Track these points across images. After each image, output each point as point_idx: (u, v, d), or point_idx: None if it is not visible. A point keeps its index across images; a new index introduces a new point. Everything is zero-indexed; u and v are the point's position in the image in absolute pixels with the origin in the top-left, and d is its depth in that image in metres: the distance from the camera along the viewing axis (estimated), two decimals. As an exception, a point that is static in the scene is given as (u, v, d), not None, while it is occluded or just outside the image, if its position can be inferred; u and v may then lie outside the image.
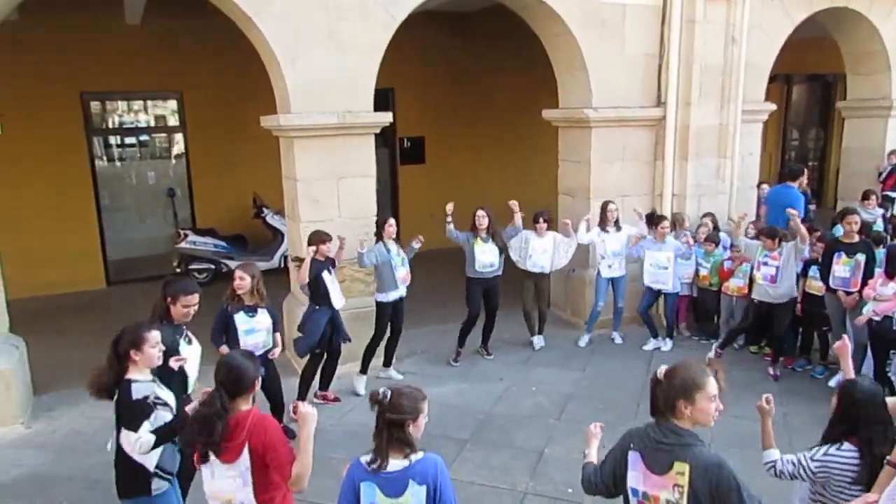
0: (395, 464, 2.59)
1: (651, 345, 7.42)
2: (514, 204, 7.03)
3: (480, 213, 6.77)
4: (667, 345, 7.39)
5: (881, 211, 8.57)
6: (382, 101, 6.71)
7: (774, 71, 8.57)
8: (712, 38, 7.70)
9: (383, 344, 6.59)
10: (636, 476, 2.58)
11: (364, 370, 6.50)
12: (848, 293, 6.18)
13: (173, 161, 10.96)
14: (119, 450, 3.30)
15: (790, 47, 8.53)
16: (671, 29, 7.59)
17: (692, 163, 7.88)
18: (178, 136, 10.73)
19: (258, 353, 4.79)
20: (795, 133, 15.32)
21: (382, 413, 2.62)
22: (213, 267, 9.98)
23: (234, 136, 10.11)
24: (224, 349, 4.83)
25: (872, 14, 8.98)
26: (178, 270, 10.03)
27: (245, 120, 9.03)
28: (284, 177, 6.73)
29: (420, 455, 2.62)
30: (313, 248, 5.78)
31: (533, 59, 8.85)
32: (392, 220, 6.40)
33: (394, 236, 6.39)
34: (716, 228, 7.58)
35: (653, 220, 7.26)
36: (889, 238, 7.05)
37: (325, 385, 6.25)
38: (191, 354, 3.93)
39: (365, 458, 2.64)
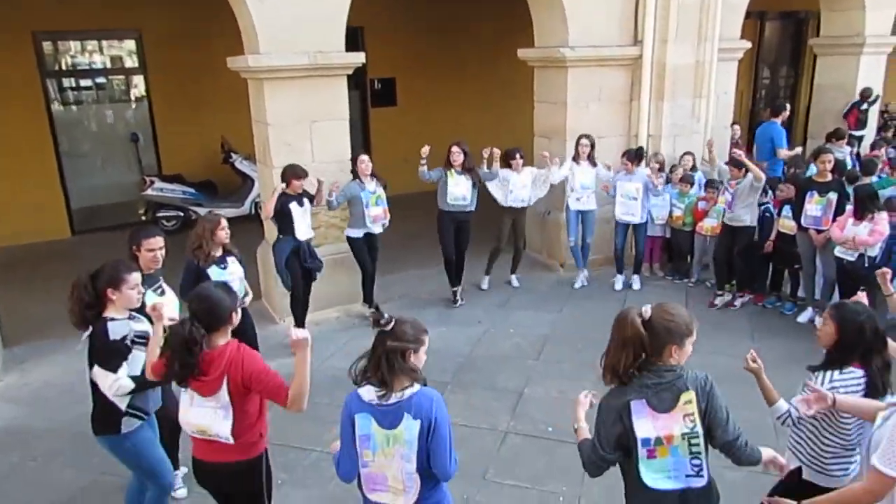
0: (392, 396, 2.56)
1: (619, 282, 7.51)
2: (491, 152, 6.97)
3: (455, 148, 6.75)
4: (636, 282, 7.49)
5: (849, 149, 8.68)
6: (352, 40, 6.51)
7: (748, 8, 8.47)
8: (690, -26, 7.55)
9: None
10: (645, 424, 2.48)
11: (369, 301, 6.72)
12: (819, 231, 6.28)
13: (134, 104, 10.56)
14: (94, 386, 3.28)
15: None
16: (649, -37, 7.42)
17: (668, 103, 7.82)
18: (139, 79, 10.30)
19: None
20: (767, 71, 15.27)
21: (383, 340, 2.55)
22: (181, 214, 9.77)
23: (199, 79, 9.74)
24: None
25: (848, -52, 8.88)
26: (143, 218, 9.81)
27: (211, 61, 8.67)
28: (255, 121, 6.53)
29: (416, 388, 2.57)
30: (283, 184, 5.78)
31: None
32: (365, 157, 6.36)
33: (368, 173, 6.33)
34: (693, 168, 7.60)
35: (636, 155, 7.30)
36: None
37: (299, 324, 6.23)
38: (167, 304, 3.85)
39: (363, 390, 2.59)
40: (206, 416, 2.83)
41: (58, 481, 4.45)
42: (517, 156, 7.11)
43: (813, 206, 6.33)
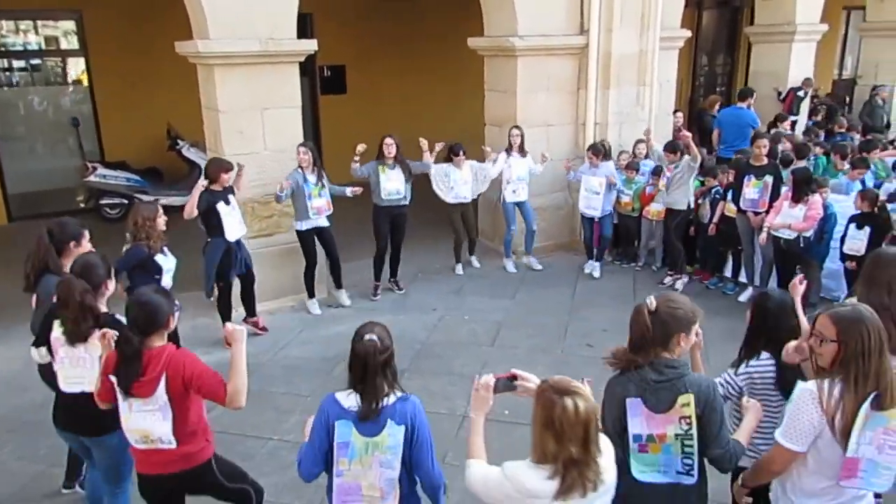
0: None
1: (589, 267, 7.71)
2: (423, 142, 7.01)
3: (388, 140, 6.71)
4: (596, 269, 7.70)
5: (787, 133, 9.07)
6: (301, 27, 6.44)
7: (689, -4, 8.75)
8: (633, -36, 7.73)
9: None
10: (638, 421, 2.48)
11: (311, 294, 6.67)
12: (756, 213, 6.58)
13: (73, 88, 10.20)
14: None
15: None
16: (594, -46, 7.56)
17: (614, 91, 8.02)
18: (79, 61, 9.94)
19: None
20: (705, 59, 15.75)
21: (374, 356, 2.49)
22: (126, 202, 9.50)
23: (143, 62, 9.47)
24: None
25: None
26: (82, 206, 9.53)
27: (156, 44, 8.46)
28: (205, 107, 6.42)
29: (398, 394, 2.56)
30: (206, 181, 5.64)
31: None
32: (303, 148, 6.24)
33: (309, 164, 6.24)
34: (647, 156, 7.81)
35: (599, 150, 7.48)
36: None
37: (250, 311, 6.21)
38: None
39: (341, 395, 2.56)
40: (145, 419, 2.83)
41: (5, 472, 4.39)
42: (460, 152, 7.21)
43: (750, 189, 6.63)
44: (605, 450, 2.26)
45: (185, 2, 6.04)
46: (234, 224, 5.76)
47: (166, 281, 4.73)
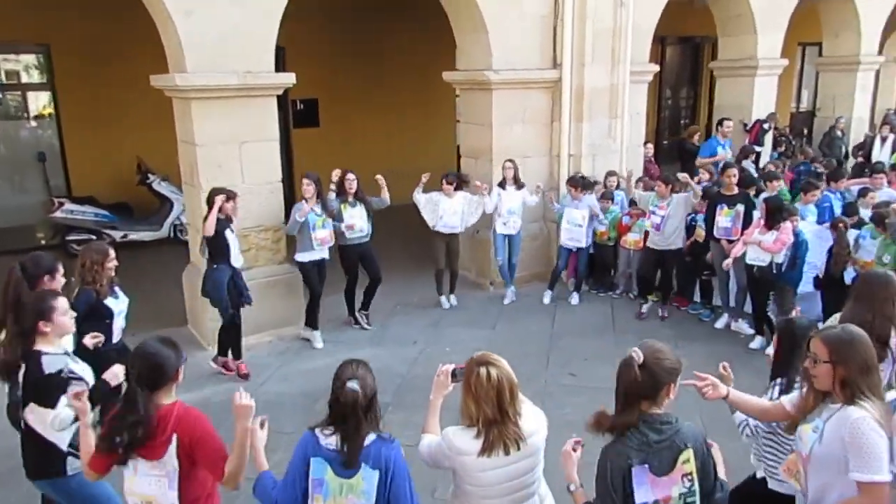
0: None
1: (547, 297, 7.74)
2: (380, 179, 6.95)
3: (351, 175, 6.65)
4: (574, 299, 7.75)
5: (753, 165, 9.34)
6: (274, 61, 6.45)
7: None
8: (603, 1, 7.95)
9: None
10: (645, 490, 2.37)
11: (315, 326, 6.64)
12: (730, 241, 6.71)
13: (39, 122, 10.01)
14: (27, 428, 3.10)
15: (664, 11, 8.95)
16: (565, -10, 7.77)
17: (587, 123, 8.17)
18: (45, 95, 9.79)
19: (118, 337, 4.44)
20: (669, 93, 16.21)
21: (355, 407, 2.46)
22: (93, 237, 9.27)
23: (112, 95, 9.38)
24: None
25: (742, -20, 9.60)
26: (44, 242, 9.30)
27: (125, 77, 8.38)
28: (181, 141, 6.35)
29: (373, 437, 2.52)
30: (222, 196, 5.56)
31: (431, 18, 8.76)
32: (306, 180, 6.29)
33: (310, 195, 6.25)
34: (618, 186, 7.94)
35: (578, 182, 7.57)
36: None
37: (236, 353, 6.06)
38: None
39: (320, 432, 2.52)
40: (150, 485, 2.63)
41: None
42: (455, 181, 7.23)
43: (723, 217, 6.78)
44: (531, 416, 2.68)
45: (162, 35, 6.02)
46: (237, 251, 5.81)
47: (119, 323, 4.46)
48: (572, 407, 5.45)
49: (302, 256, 6.39)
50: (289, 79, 6.33)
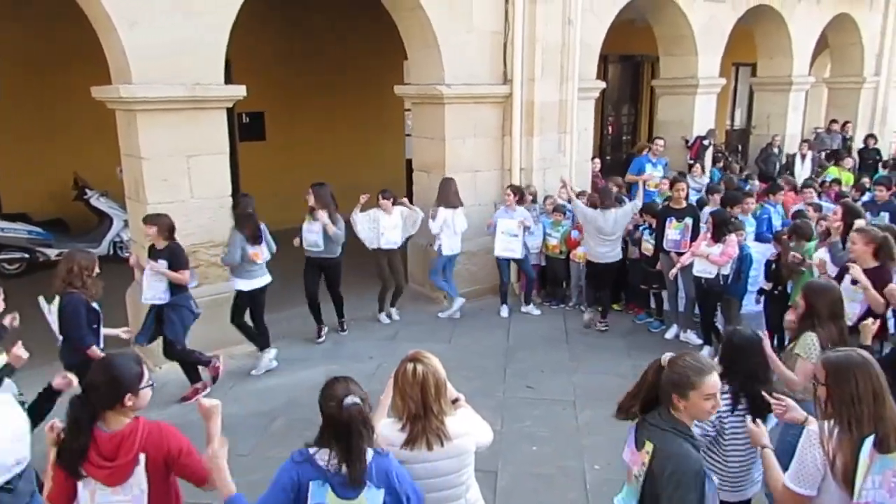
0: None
1: (504, 311, 7.77)
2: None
3: (311, 190, 6.64)
4: (533, 310, 7.82)
5: (706, 179, 9.66)
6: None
7: (595, 51, 9.20)
8: (552, 19, 8.09)
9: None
10: (627, 450, 2.70)
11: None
12: (679, 254, 6.87)
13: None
14: None
15: (607, 30, 9.18)
16: (515, 8, 7.86)
17: (537, 138, 8.28)
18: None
19: (102, 343, 4.55)
20: (611, 109, 16.60)
21: (358, 422, 2.38)
22: (27, 256, 8.85)
23: (46, 108, 8.98)
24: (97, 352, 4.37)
25: (682, 1, 9.93)
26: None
27: (59, 90, 8.04)
28: (125, 154, 6.11)
29: (371, 452, 2.43)
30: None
31: (381, 32, 8.75)
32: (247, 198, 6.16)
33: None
34: (569, 201, 8.02)
35: (517, 190, 7.64)
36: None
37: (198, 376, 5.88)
38: None
39: (316, 452, 2.41)
40: None
41: None
42: (391, 198, 7.21)
43: (672, 230, 6.95)
44: (463, 419, 2.75)
45: (104, 46, 5.80)
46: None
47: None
48: (531, 419, 5.47)
49: (248, 284, 6.10)
50: (239, 91, 6.20)
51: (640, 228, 7.31)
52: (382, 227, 7.19)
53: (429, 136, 8.00)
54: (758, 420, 2.90)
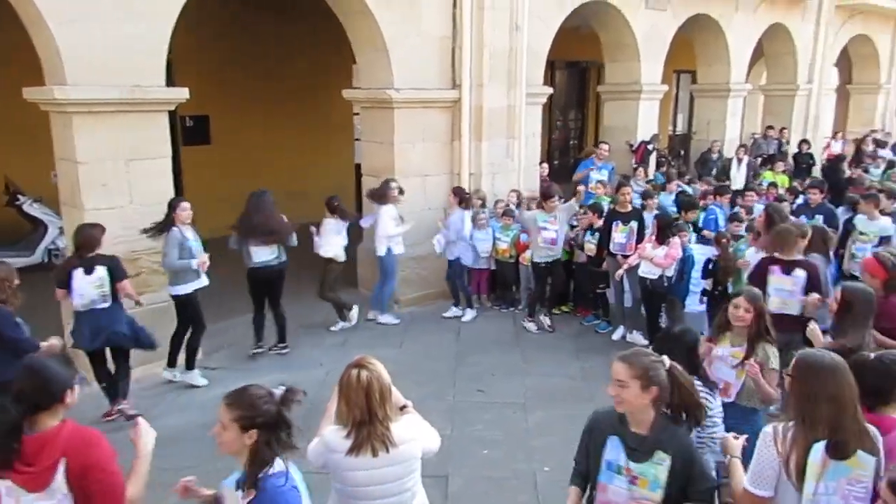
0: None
1: (451, 312, 7.79)
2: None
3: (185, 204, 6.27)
4: (467, 315, 7.81)
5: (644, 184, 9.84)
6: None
7: (542, 58, 9.32)
8: (499, 24, 8.16)
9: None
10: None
11: (191, 365, 6.13)
12: (625, 256, 7.00)
13: None
14: None
15: (554, 36, 9.32)
16: (463, 13, 7.89)
17: (486, 143, 8.33)
18: None
19: None
20: (559, 115, 16.85)
21: (276, 419, 2.37)
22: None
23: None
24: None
25: (626, 9, 10.16)
26: None
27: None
28: (59, 158, 5.87)
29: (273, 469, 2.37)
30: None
31: (330, 35, 8.66)
32: (186, 204, 5.83)
33: (189, 220, 5.83)
34: (518, 204, 8.11)
35: (459, 192, 7.68)
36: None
37: (121, 394, 5.56)
38: None
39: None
40: None
41: None
42: (335, 204, 7.08)
43: (618, 234, 7.08)
44: (409, 425, 2.74)
45: (37, 45, 5.57)
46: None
47: None
48: (482, 423, 5.48)
49: (183, 288, 5.83)
50: (181, 93, 6.04)
51: (585, 232, 7.44)
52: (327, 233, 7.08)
53: (378, 141, 7.96)
54: (735, 434, 2.89)
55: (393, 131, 7.69)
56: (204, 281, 5.99)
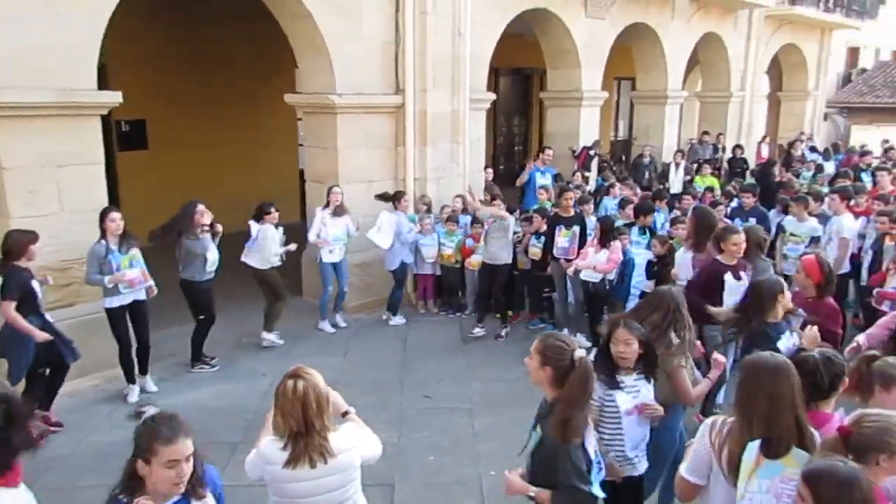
0: None
1: (394, 321, 7.77)
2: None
3: (201, 207, 6.16)
4: (395, 320, 7.81)
5: (587, 187, 10.03)
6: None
7: (486, 64, 9.41)
8: (442, 30, 8.19)
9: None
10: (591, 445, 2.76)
11: (130, 380, 5.89)
12: (568, 260, 7.11)
13: None
14: None
15: (497, 43, 9.42)
16: (405, 18, 7.89)
17: (430, 148, 8.34)
18: None
19: None
20: (504, 120, 17.02)
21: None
22: None
23: None
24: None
25: (566, 17, 10.35)
26: None
27: None
28: (-16, 164, 5.60)
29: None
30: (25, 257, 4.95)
31: (272, 38, 8.51)
32: (116, 214, 5.54)
33: (119, 232, 5.55)
34: (464, 210, 8.13)
35: (395, 197, 7.62)
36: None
37: (48, 403, 5.37)
38: None
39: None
40: None
41: None
42: (272, 210, 6.85)
43: (561, 238, 7.18)
44: (347, 434, 2.70)
45: (-42, 46, 5.30)
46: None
47: None
48: (430, 430, 5.46)
49: (108, 301, 5.59)
50: (114, 97, 5.84)
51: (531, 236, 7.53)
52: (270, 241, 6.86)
53: (321, 146, 7.87)
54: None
55: (336, 136, 7.61)
56: (134, 297, 5.71)
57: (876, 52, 22.57)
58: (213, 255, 6.22)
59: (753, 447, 2.39)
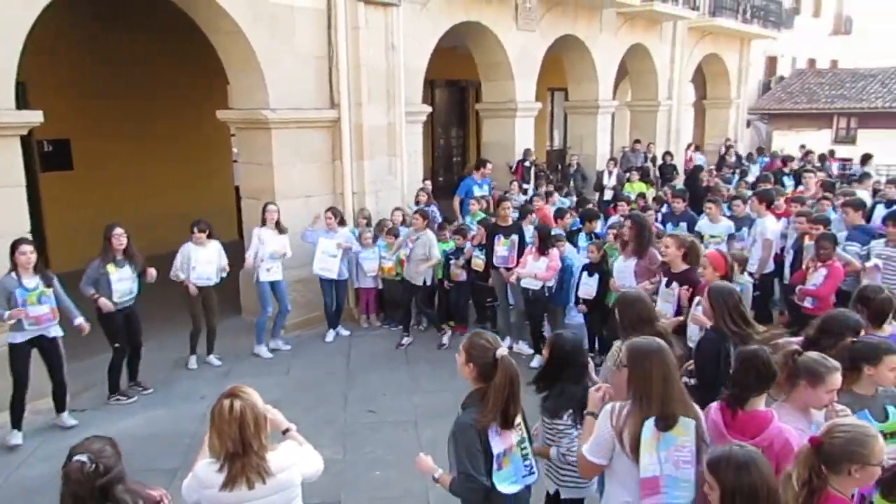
0: None
1: (331, 335, 7.72)
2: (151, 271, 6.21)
3: (119, 230, 5.95)
4: (342, 331, 7.81)
5: (525, 197, 10.19)
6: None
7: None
8: (375, 44, 8.22)
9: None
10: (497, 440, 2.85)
11: (16, 425, 5.48)
12: (508, 269, 7.19)
13: None
14: None
15: (432, 56, 9.51)
16: (338, 33, 7.89)
17: (368, 161, 8.33)
18: None
19: None
20: (441, 132, 17.13)
21: (82, 484, 2.25)
22: None
23: None
24: None
25: (497, 29, 10.53)
26: None
27: None
28: None
29: None
30: None
31: (202, 53, 8.35)
32: (27, 248, 5.23)
33: (30, 265, 5.25)
34: (403, 222, 8.13)
35: (338, 213, 7.61)
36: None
37: None
38: None
39: None
40: None
41: None
42: (200, 229, 6.65)
43: (501, 247, 7.26)
44: (285, 452, 2.65)
45: None
46: None
47: None
48: (374, 444, 5.43)
49: (12, 337, 5.29)
50: (35, 116, 5.63)
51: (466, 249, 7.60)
52: (195, 260, 6.65)
53: (256, 162, 7.75)
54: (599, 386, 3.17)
55: (271, 152, 7.52)
56: (43, 333, 5.41)
57: (793, 60, 23.72)
58: (121, 286, 5.95)
59: (650, 425, 2.64)
